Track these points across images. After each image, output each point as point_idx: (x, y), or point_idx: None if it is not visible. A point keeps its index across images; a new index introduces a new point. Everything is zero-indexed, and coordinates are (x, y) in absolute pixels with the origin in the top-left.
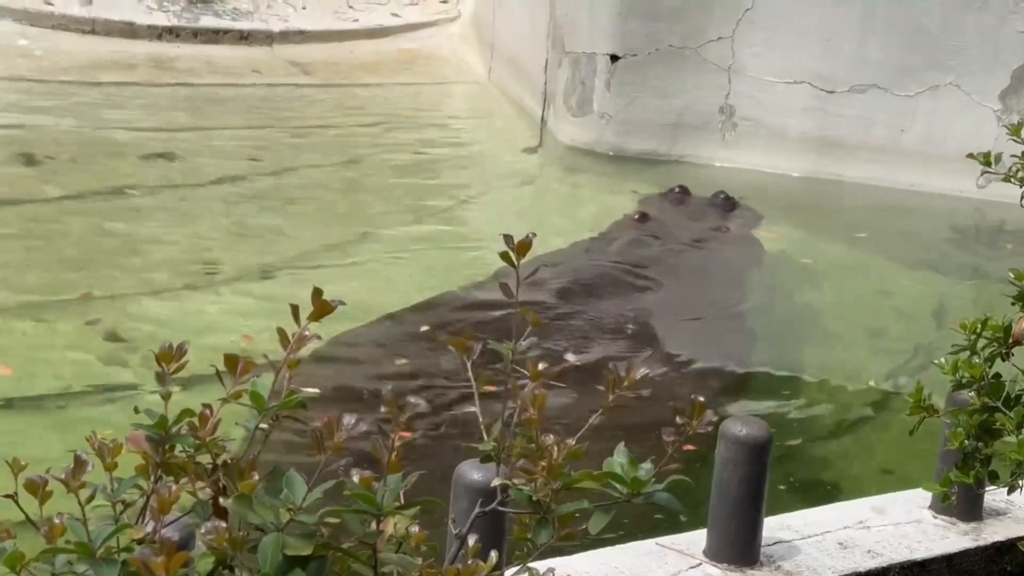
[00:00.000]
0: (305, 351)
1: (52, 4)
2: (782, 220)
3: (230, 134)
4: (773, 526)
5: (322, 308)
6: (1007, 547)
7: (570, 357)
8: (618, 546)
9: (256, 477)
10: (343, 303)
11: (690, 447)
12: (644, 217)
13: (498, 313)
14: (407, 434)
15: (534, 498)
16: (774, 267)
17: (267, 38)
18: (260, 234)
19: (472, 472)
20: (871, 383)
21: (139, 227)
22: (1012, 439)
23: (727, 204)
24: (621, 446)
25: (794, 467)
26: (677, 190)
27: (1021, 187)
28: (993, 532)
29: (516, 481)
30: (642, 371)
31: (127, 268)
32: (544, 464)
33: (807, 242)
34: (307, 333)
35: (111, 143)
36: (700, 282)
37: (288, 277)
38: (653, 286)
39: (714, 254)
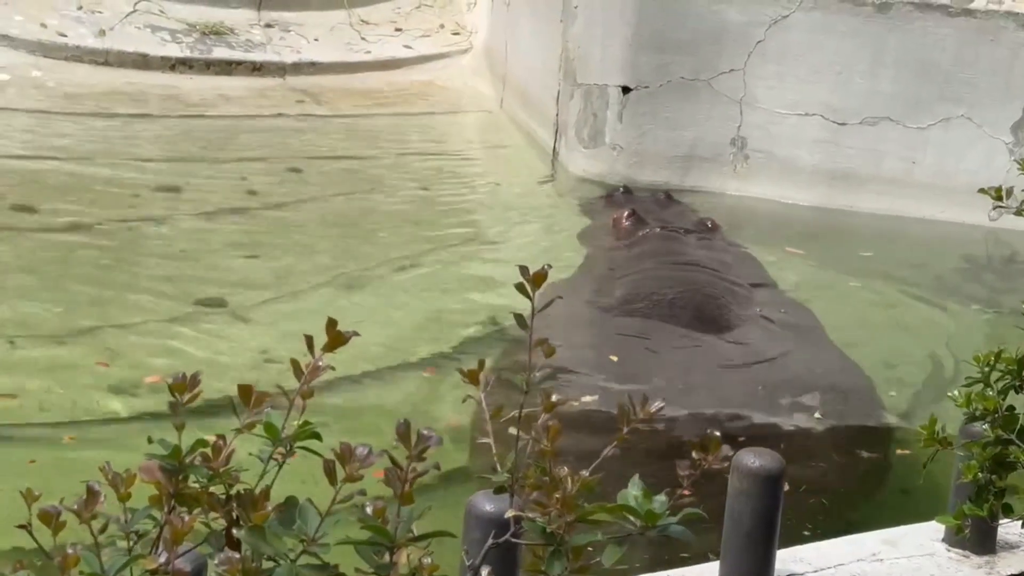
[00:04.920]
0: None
1: (66, 36)
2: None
3: (241, 166)
4: (786, 559)
5: (336, 339)
6: None
7: (586, 399)
8: None
9: (269, 508)
10: (357, 334)
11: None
12: (634, 216)
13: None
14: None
15: (548, 530)
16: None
17: (279, 69)
18: (269, 267)
19: (485, 503)
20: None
21: (148, 258)
22: None
23: (667, 200)
24: (636, 478)
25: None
26: (621, 190)
27: None
28: (1007, 565)
29: (529, 513)
30: (657, 404)
31: (135, 299)
32: (558, 496)
33: (814, 270)
34: (321, 364)
35: (122, 174)
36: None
37: (299, 310)
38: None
39: (746, 260)
